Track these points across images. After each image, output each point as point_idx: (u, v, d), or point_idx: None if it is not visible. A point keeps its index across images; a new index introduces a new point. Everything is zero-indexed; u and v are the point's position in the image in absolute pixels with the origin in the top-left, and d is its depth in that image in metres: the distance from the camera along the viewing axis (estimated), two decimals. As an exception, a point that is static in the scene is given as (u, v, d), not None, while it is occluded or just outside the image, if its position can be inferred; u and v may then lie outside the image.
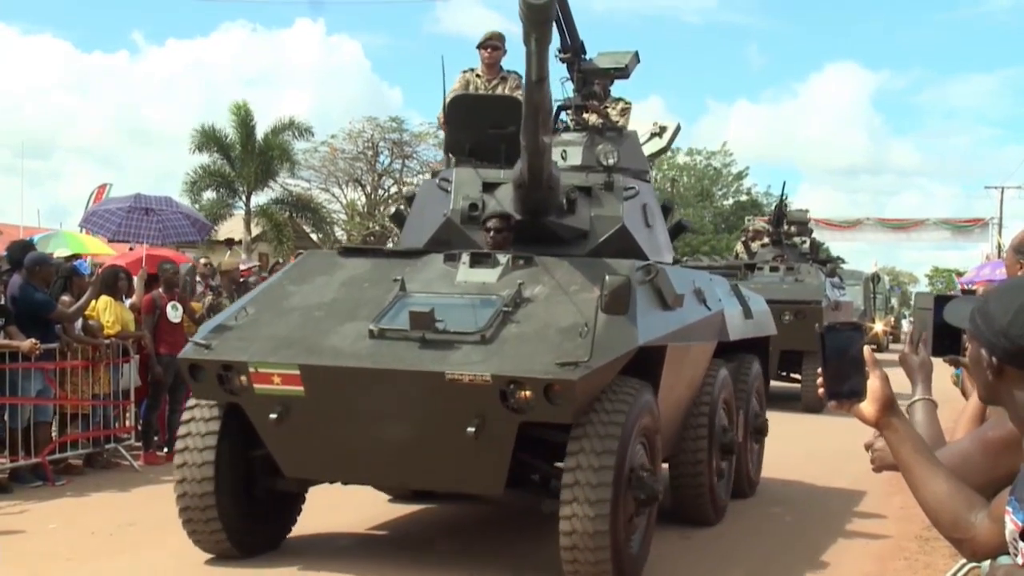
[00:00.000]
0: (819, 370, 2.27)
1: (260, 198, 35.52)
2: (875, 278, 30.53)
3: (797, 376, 16.94)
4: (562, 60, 7.33)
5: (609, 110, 7.69)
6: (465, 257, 6.37)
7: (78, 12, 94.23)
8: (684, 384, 7.02)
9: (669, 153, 56.11)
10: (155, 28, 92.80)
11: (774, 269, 17.31)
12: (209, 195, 34.84)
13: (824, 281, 16.98)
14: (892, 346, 36.31)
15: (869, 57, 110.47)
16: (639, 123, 8.01)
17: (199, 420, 6.10)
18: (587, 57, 7.38)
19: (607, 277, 5.63)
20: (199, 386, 5.94)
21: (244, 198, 35.02)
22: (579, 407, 5.56)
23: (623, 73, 7.39)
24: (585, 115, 7.54)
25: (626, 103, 7.81)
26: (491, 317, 5.83)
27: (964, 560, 2.83)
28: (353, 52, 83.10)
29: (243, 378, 5.77)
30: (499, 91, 7.70)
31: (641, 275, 6.32)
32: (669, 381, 6.53)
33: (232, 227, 35.44)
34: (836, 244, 47.99)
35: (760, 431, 8.86)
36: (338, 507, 7.42)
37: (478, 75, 8.08)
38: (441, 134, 7.45)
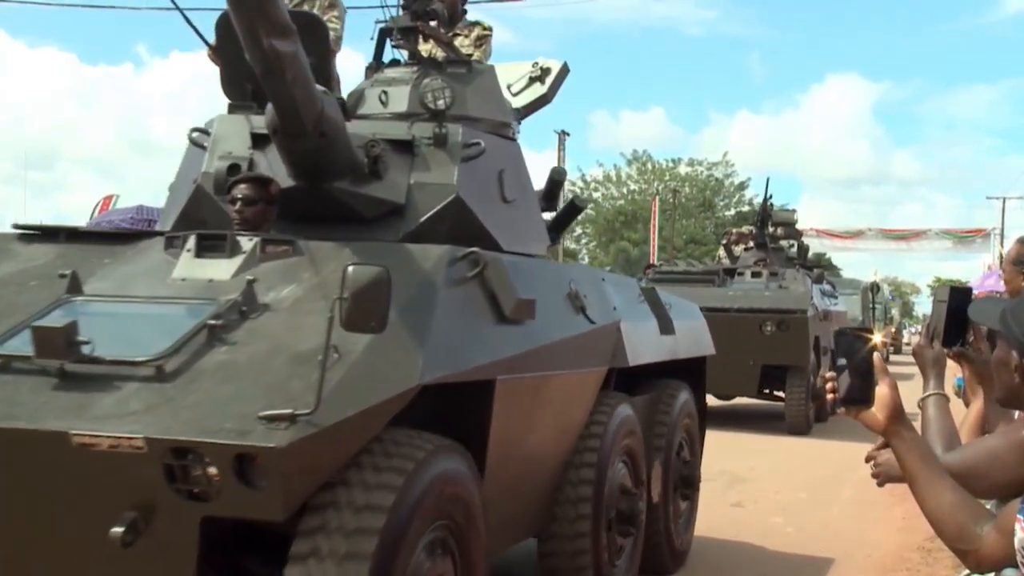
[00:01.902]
0: (828, 374, 2.18)
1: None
2: (874, 287, 27.70)
3: (781, 394, 14.25)
4: (383, -39, 4.82)
5: (460, 38, 5.16)
6: (191, 242, 3.86)
7: (84, 25, 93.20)
8: (545, 432, 4.47)
9: (671, 163, 53.47)
10: (159, 41, 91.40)
11: (756, 275, 14.65)
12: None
13: (811, 288, 14.33)
14: (893, 357, 33.60)
15: (870, 68, 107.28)
16: (516, 66, 5.47)
17: None
18: (417, -42, 4.82)
19: (349, 269, 3.10)
20: None
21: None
22: (296, 491, 3.04)
23: None
24: (423, 46, 5.00)
25: (484, 28, 5.26)
26: (183, 337, 3.32)
27: (968, 571, 2.42)
28: (356, 63, 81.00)
29: None
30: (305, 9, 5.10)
31: (463, 268, 3.80)
32: (509, 431, 3.99)
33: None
34: (838, 254, 46.00)
35: (689, 483, 6.22)
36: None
37: None
38: None
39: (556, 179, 5.46)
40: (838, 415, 15.52)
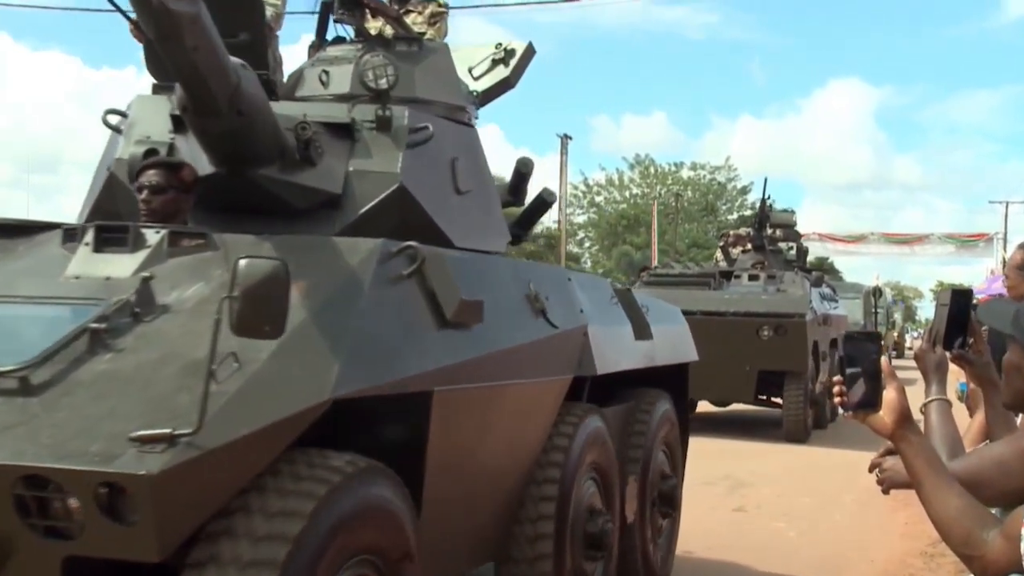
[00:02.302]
0: (836, 378, 2.13)
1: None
2: (876, 292, 27.16)
3: (778, 400, 13.72)
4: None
5: (412, 15, 4.68)
6: (89, 235, 3.37)
7: (87, 29, 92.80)
8: (498, 448, 3.97)
9: (673, 167, 52.88)
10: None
11: (753, 278, 14.13)
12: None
13: (809, 291, 13.80)
14: (895, 362, 33.07)
15: (872, 73, 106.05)
16: (478, 48, 4.99)
17: None
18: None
19: (240, 263, 2.63)
20: None
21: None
22: (176, 526, 2.56)
23: None
24: (371, 22, 4.51)
25: (439, 5, 4.78)
26: (58, 343, 2.84)
27: None
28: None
29: None
30: None
31: (398, 265, 3.32)
32: (452, 449, 3.49)
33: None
34: (840, 258, 45.46)
35: (669, 499, 5.71)
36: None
37: None
38: None
39: (522, 171, 4.98)
40: (838, 422, 15.03)
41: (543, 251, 43.66)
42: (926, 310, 70.34)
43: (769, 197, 15.89)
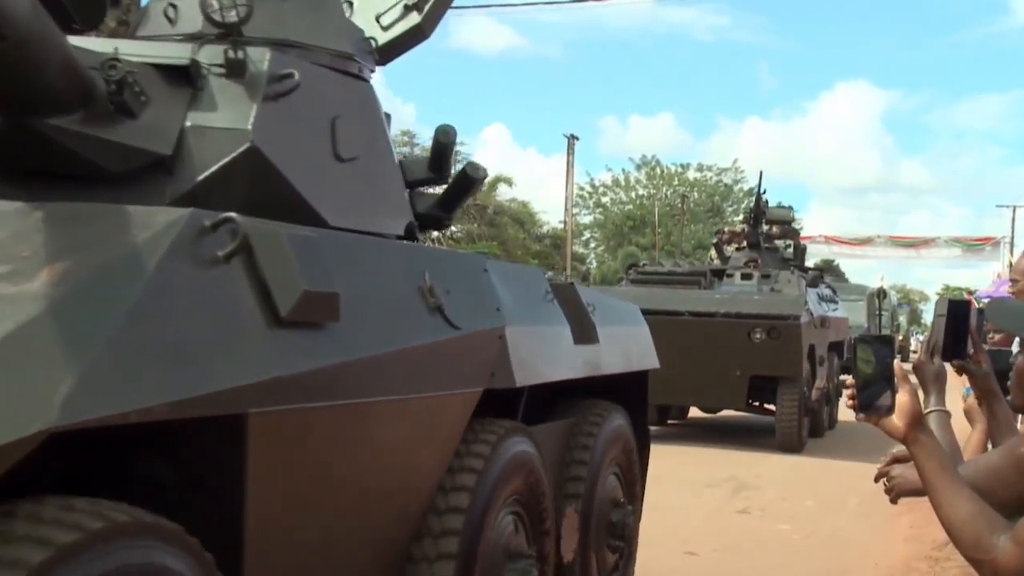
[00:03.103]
0: (850, 381, 2.11)
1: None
2: (880, 293, 26.06)
3: (771, 407, 12.75)
4: None
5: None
6: None
7: None
8: (369, 486, 3.02)
9: (680, 168, 51.81)
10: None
11: (746, 276, 13.18)
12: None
13: (805, 291, 12.82)
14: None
15: (880, 76, 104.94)
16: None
17: None
18: None
19: None
20: None
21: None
22: None
23: None
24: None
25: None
26: None
27: None
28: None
29: None
30: None
31: (214, 243, 2.41)
32: (288, 490, 2.57)
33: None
34: (847, 261, 44.56)
35: (619, 531, 4.68)
36: None
37: None
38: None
39: (442, 140, 4.03)
40: (836, 430, 14.17)
41: (549, 251, 42.77)
42: (931, 314, 69.15)
43: (765, 192, 14.89)
